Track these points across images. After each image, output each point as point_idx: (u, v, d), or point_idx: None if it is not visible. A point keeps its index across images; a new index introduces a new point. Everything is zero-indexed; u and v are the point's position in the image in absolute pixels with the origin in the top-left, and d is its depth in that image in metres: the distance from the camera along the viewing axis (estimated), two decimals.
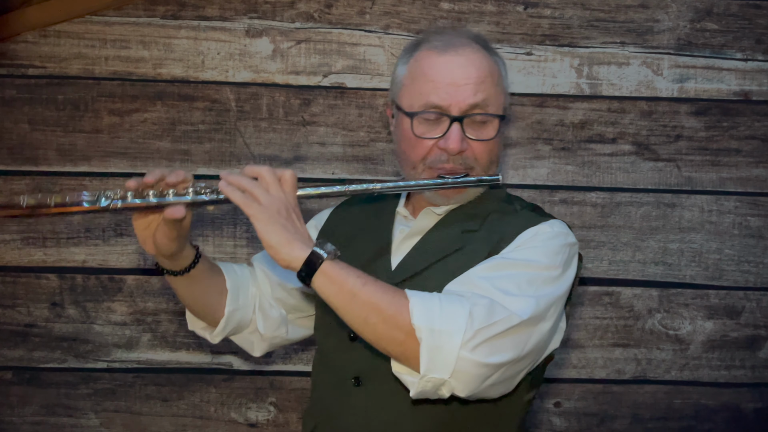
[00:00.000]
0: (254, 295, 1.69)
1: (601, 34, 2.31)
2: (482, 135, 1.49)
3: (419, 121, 1.49)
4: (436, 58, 1.49)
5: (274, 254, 1.30)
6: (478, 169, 1.51)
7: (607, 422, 2.36)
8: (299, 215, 1.35)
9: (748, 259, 2.34)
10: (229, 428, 2.33)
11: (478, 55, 1.50)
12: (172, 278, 1.55)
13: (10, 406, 2.29)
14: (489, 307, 1.31)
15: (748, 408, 2.37)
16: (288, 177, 1.35)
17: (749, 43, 2.32)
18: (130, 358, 2.30)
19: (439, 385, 1.30)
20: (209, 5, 2.27)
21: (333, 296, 1.31)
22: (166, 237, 1.43)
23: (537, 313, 1.36)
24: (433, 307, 1.29)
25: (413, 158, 1.51)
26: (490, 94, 1.49)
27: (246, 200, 1.31)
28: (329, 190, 1.42)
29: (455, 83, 1.47)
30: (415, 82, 1.51)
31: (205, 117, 2.28)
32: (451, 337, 1.27)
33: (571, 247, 1.47)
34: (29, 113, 2.25)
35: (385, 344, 1.31)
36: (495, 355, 1.30)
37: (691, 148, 2.33)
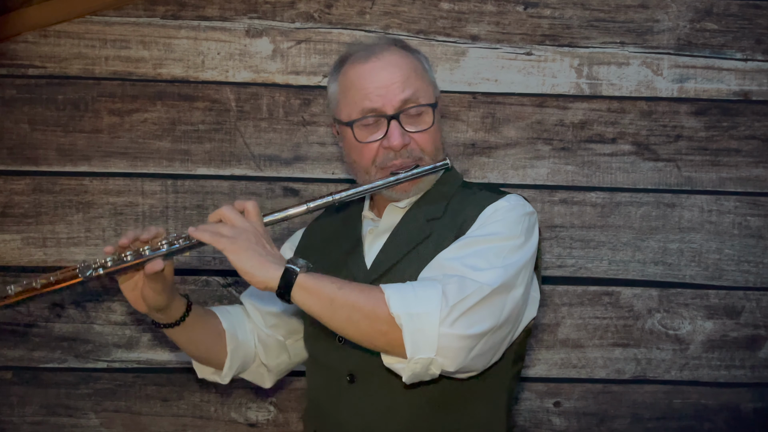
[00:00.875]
0: (252, 330, 1.78)
1: (601, 34, 2.31)
2: (420, 125, 1.59)
3: (359, 127, 1.58)
4: (361, 67, 1.59)
5: (250, 279, 1.37)
6: (426, 158, 1.59)
7: (607, 422, 2.36)
8: (269, 239, 1.43)
9: (747, 259, 2.34)
10: (229, 428, 2.33)
11: (397, 56, 1.61)
12: (170, 331, 1.63)
13: (10, 406, 2.29)
14: (460, 283, 1.38)
15: (748, 408, 2.37)
16: (250, 208, 1.45)
17: (749, 43, 2.32)
18: (130, 358, 2.30)
19: (427, 365, 1.36)
20: (209, 5, 2.27)
21: (313, 306, 1.38)
22: (154, 291, 1.51)
23: (507, 280, 1.42)
24: (408, 294, 1.37)
25: (364, 164, 1.60)
26: (417, 87, 1.59)
27: (215, 237, 1.39)
28: (292, 211, 1.51)
29: (384, 85, 1.56)
30: (347, 94, 1.61)
31: (205, 117, 2.28)
32: (429, 318, 1.34)
33: (530, 216, 1.55)
34: (29, 113, 2.25)
35: (371, 339, 1.38)
36: (474, 326, 1.37)
37: (691, 148, 2.33)
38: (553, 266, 2.32)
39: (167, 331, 1.63)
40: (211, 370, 1.76)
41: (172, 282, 1.54)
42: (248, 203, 1.46)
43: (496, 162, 2.31)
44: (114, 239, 2.27)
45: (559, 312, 2.34)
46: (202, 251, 2.29)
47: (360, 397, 1.54)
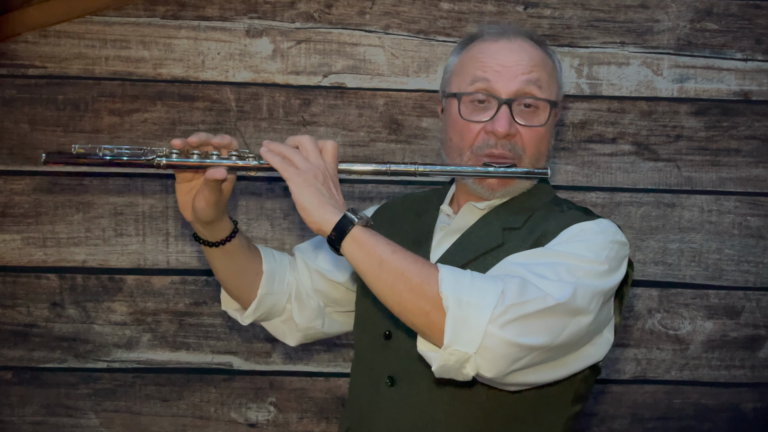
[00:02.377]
0: (290, 284, 1.66)
1: (601, 34, 2.31)
2: (532, 121, 1.45)
3: (466, 102, 1.46)
4: (489, 45, 1.47)
5: (306, 216, 1.28)
6: (526, 159, 1.46)
7: (607, 422, 2.36)
8: (337, 184, 1.33)
9: (747, 259, 2.34)
10: (229, 428, 2.33)
11: (530, 44, 1.48)
12: (207, 250, 1.54)
13: (10, 406, 2.29)
14: (522, 285, 1.23)
15: (748, 408, 2.37)
16: (329, 147, 1.35)
17: (749, 43, 2.32)
18: (130, 358, 2.30)
19: (463, 361, 1.22)
20: (209, 5, 2.27)
21: (361, 262, 1.27)
22: (206, 202, 1.42)
23: (575, 300, 1.26)
24: (464, 279, 1.23)
25: (460, 144, 1.47)
26: (542, 79, 1.46)
27: (284, 164, 1.31)
28: (371, 167, 1.41)
29: (506, 64, 1.44)
30: (464, 66, 1.49)
31: (205, 117, 2.28)
32: (480, 310, 1.20)
33: (621, 246, 1.39)
34: (29, 113, 2.25)
35: (411, 315, 1.25)
36: (526, 335, 1.21)
37: (691, 148, 2.33)
38: None
39: (205, 249, 1.53)
40: (236, 305, 1.65)
41: (226, 198, 1.45)
42: (328, 142, 1.36)
43: None
44: (114, 239, 2.27)
45: None
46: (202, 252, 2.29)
47: (398, 403, 1.43)
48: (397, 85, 2.29)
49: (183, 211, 1.48)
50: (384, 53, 2.29)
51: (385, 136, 2.29)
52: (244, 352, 2.32)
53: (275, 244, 2.28)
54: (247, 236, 1.60)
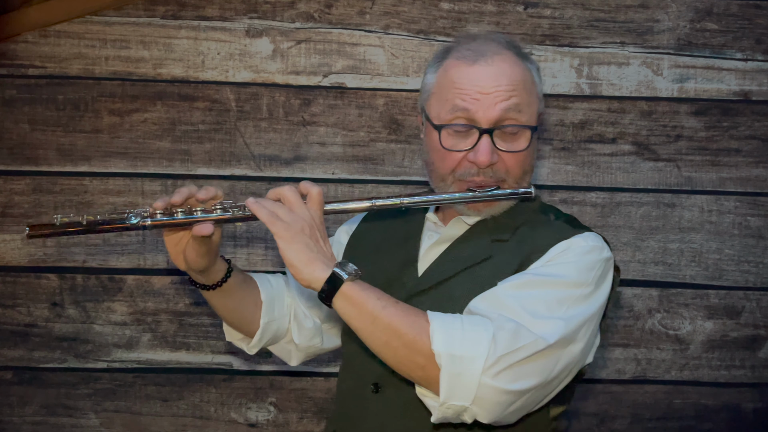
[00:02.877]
0: (289, 305, 1.68)
1: (601, 34, 2.31)
2: (513, 147, 1.45)
3: (448, 133, 1.46)
4: (466, 69, 1.45)
5: (296, 273, 1.29)
6: (510, 181, 1.46)
7: (607, 422, 2.36)
8: (324, 233, 1.34)
9: (748, 259, 2.34)
10: (229, 428, 2.33)
11: (509, 63, 1.46)
12: (206, 293, 1.55)
13: (10, 406, 2.29)
14: (514, 332, 1.27)
15: (748, 408, 2.37)
16: (314, 195, 1.35)
17: (749, 43, 2.32)
18: (130, 358, 2.30)
19: (460, 412, 1.28)
20: (209, 5, 2.27)
21: (353, 318, 1.30)
22: (196, 253, 1.44)
23: (566, 335, 1.31)
24: (455, 332, 1.26)
25: (442, 171, 1.48)
26: (521, 103, 1.44)
27: (271, 217, 1.31)
28: (356, 205, 1.43)
29: (484, 91, 1.43)
30: (442, 92, 1.48)
31: (205, 117, 2.28)
32: (472, 363, 1.24)
33: (606, 262, 1.42)
34: (29, 113, 2.25)
35: (406, 369, 1.29)
36: (518, 381, 1.26)
37: (691, 148, 2.33)
38: None
39: (203, 292, 1.55)
40: (239, 336, 1.66)
41: (217, 247, 1.46)
42: (313, 189, 1.36)
43: None
44: (114, 239, 2.27)
45: None
46: None
47: (383, 410, 1.45)
48: (397, 85, 2.29)
49: (175, 261, 1.48)
50: (384, 53, 2.29)
51: (385, 136, 2.29)
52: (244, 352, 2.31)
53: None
54: (241, 270, 1.60)
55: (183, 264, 1.47)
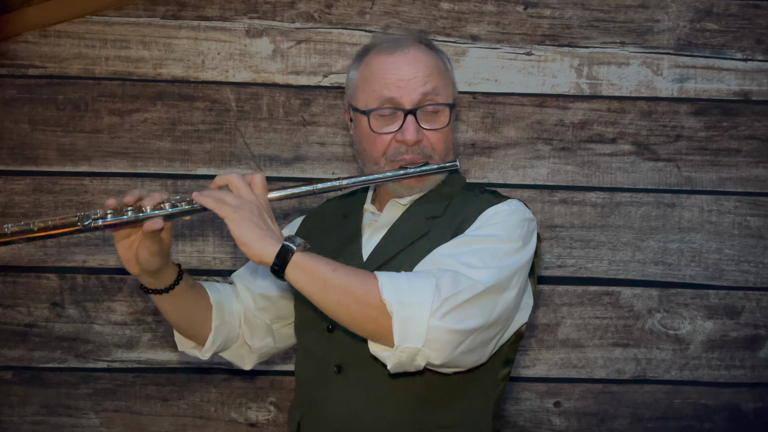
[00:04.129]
0: (239, 309, 1.75)
1: (601, 34, 2.31)
2: (436, 124, 1.59)
3: (375, 117, 1.58)
4: (385, 59, 1.60)
5: (247, 250, 1.36)
6: (436, 157, 1.60)
7: (607, 422, 2.36)
8: (271, 215, 1.43)
9: (747, 259, 2.34)
10: (229, 428, 2.33)
11: (422, 52, 1.61)
12: (157, 297, 1.60)
13: (10, 406, 2.29)
14: (454, 278, 1.38)
15: (748, 408, 2.37)
16: (258, 180, 1.45)
17: (749, 43, 2.32)
18: (130, 358, 2.30)
19: (413, 355, 1.36)
20: (209, 5, 2.27)
21: (306, 285, 1.38)
22: (149, 252, 1.49)
23: (500, 281, 1.43)
24: (401, 283, 1.37)
25: (374, 154, 1.60)
26: (438, 85, 1.59)
27: (219, 204, 1.39)
28: (298, 190, 1.50)
29: (405, 78, 1.57)
30: (367, 83, 1.61)
31: (205, 117, 2.28)
32: (420, 308, 1.34)
33: (530, 222, 1.55)
34: (29, 113, 2.25)
35: (360, 324, 1.38)
36: (464, 321, 1.37)
37: (691, 148, 2.33)
38: (553, 266, 2.32)
39: (154, 297, 1.60)
40: (192, 344, 1.72)
41: (168, 246, 1.52)
42: (256, 176, 1.45)
43: (496, 162, 2.31)
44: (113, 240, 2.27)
45: (559, 312, 2.34)
46: (203, 251, 2.30)
47: (347, 388, 1.54)
48: None
49: (127, 266, 1.52)
50: None
51: None
52: None
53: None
54: (190, 276, 1.65)
55: (136, 267, 1.52)
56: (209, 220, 2.29)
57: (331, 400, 1.56)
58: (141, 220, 1.44)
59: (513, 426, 2.34)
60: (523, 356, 2.34)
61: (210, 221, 2.29)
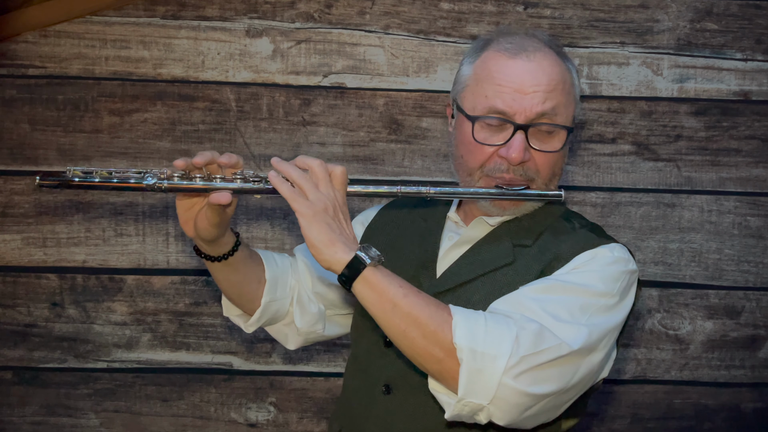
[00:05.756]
0: (293, 287, 1.63)
1: (601, 34, 2.31)
2: (547, 146, 1.43)
3: (481, 125, 1.42)
4: (505, 62, 1.42)
5: (317, 254, 1.24)
6: (539, 181, 1.44)
7: (607, 422, 2.36)
8: (347, 215, 1.30)
9: (747, 259, 2.34)
10: (229, 428, 2.33)
11: (549, 61, 1.43)
12: (210, 264, 1.50)
13: (10, 406, 2.29)
14: (537, 333, 1.24)
15: (748, 408, 2.37)
16: (339, 174, 1.30)
17: (749, 43, 2.32)
18: (130, 358, 2.30)
19: (476, 411, 1.24)
20: (209, 5, 2.27)
21: (373, 304, 1.26)
22: (208, 222, 1.39)
23: (588, 343, 1.28)
24: (478, 327, 1.23)
25: (471, 164, 1.44)
26: (559, 103, 1.42)
27: (293, 194, 1.27)
28: (380, 189, 1.37)
29: (523, 90, 1.40)
30: (480, 84, 1.43)
31: (205, 117, 2.28)
32: (494, 362, 1.20)
33: (631, 275, 1.40)
34: (29, 113, 2.25)
35: (423, 360, 1.25)
36: (539, 384, 1.23)
37: (691, 148, 2.33)
38: None
39: (207, 263, 1.50)
40: (238, 312, 1.62)
41: (230, 217, 1.42)
42: (337, 168, 1.30)
43: None
44: (114, 239, 2.27)
45: None
46: None
47: (392, 412, 1.43)
48: (397, 85, 2.29)
49: (184, 227, 1.43)
50: (384, 53, 2.29)
51: (385, 136, 2.29)
52: (244, 352, 2.32)
53: (275, 244, 2.28)
54: (248, 245, 1.57)
55: (192, 231, 1.43)
56: None
57: (373, 421, 1.45)
58: (209, 190, 1.34)
59: None
60: None
61: None
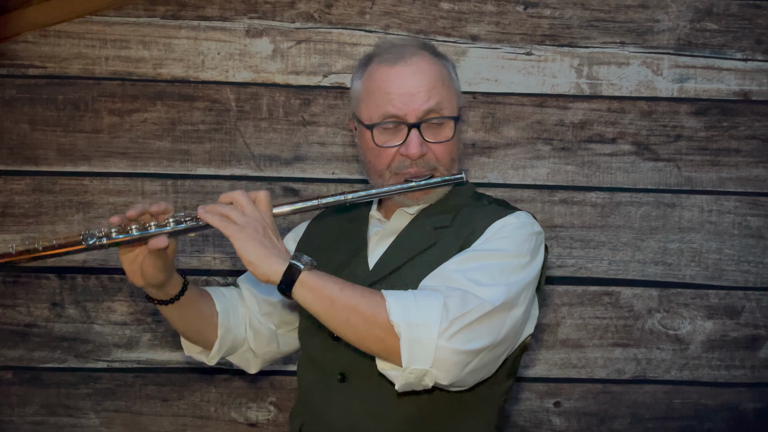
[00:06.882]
0: (244, 315, 1.75)
1: (601, 34, 2.31)
2: (440, 137, 1.57)
3: (379, 131, 1.57)
4: (388, 71, 1.57)
5: (254, 269, 1.36)
6: (441, 169, 1.59)
7: (607, 422, 2.36)
8: (276, 232, 1.42)
9: (747, 259, 2.34)
10: (229, 428, 2.33)
11: (426, 62, 1.58)
12: (163, 307, 1.61)
13: (10, 406, 2.29)
14: (462, 297, 1.37)
15: (748, 408, 2.37)
16: (262, 197, 1.44)
17: (749, 43, 2.32)
18: (130, 358, 2.30)
19: (421, 376, 1.36)
20: (209, 5, 2.27)
21: (313, 304, 1.38)
22: (153, 267, 1.49)
23: (509, 299, 1.42)
24: (409, 303, 1.36)
25: (379, 167, 1.59)
26: (442, 98, 1.57)
27: (224, 222, 1.38)
28: (303, 205, 1.51)
29: (408, 92, 1.55)
30: (370, 96, 1.59)
31: (205, 117, 2.28)
32: (428, 329, 1.34)
33: (537, 236, 1.54)
34: (29, 113, 2.25)
35: (368, 344, 1.38)
36: (471, 342, 1.36)
37: (691, 148, 2.33)
38: (553, 266, 2.32)
39: (160, 308, 1.61)
40: (198, 349, 1.74)
41: (173, 260, 1.53)
42: (260, 193, 1.45)
43: (496, 162, 2.31)
44: None
45: (559, 312, 2.34)
46: (202, 251, 2.30)
47: (349, 398, 1.54)
48: None
49: (132, 278, 1.52)
50: None
51: None
52: None
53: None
54: (195, 285, 1.67)
55: (140, 280, 1.52)
56: None
57: (333, 408, 1.55)
58: (146, 238, 1.45)
59: (513, 426, 2.34)
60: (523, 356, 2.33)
61: None
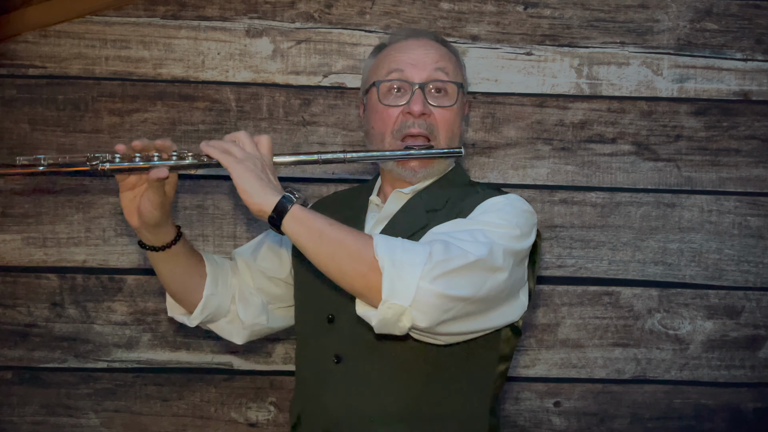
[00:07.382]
0: (233, 286, 1.76)
1: (601, 34, 2.31)
2: (443, 102, 1.64)
3: (385, 89, 1.65)
4: (400, 44, 1.69)
5: (247, 198, 1.40)
6: (440, 138, 1.64)
7: (607, 422, 2.36)
8: (273, 172, 1.47)
9: (747, 259, 2.34)
10: (229, 428, 2.33)
11: (435, 42, 1.70)
12: (153, 255, 1.63)
13: (10, 406, 2.29)
14: (446, 244, 1.39)
15: (748, 408, 2.37)
16: (264, 140, 1.49)
17: (749, 43, 2.32)
18: (130, 358, 2.30)
19: (399, 314, 1.36)
20: (209, 5, 2.27)
21: (301, 236, 1.39)
22: (151, 204, 1.51)
23: (491, 257, 1.42)
24: (395, 243, 1.39)
25: (382, 129, 1.65)
26: (448, 66, 1.66)
27: (224, 155, 1.43)
28: (303, 157, 1.55)
29: (417, 58, 1.65)
30: (380, 63, 1.69)
31: (205, 117, 2.28)
32: (412, 268, 1.35)
33: (530, 215, 1.56)
34: (29, 113, 2.25)
35: (350, 279, 1.38)
36: (453, 288, 1.37)
37: (691, 148, 2.33)
38: (553, 266, 2.32)
39: (150, 255, 1.63)
40: (182, 310, 1.75)
41: (171, 200, 1.55)
42: (263, 136, 1.50)
43: (496, 162, 2.31)
44: (114, 239, 2.27)
45: (559, 312, 2.34)
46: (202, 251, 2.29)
47: (345, 379, 1.55)
48: None
49: (129, 218, 1.55)
50: None
51: None
52: (244, 352, 2.32)
53: None
54: (189, 242, 1.69)
55: (136, 219, 1.55)
56: (209, 219, 2.29)
57: (330, 391, 1.56)
58: (148, 168, 1.46)
59: (513, 426, 2.34)
60: (523, 356, 2.34)
61: (210, 220, 2.29)
